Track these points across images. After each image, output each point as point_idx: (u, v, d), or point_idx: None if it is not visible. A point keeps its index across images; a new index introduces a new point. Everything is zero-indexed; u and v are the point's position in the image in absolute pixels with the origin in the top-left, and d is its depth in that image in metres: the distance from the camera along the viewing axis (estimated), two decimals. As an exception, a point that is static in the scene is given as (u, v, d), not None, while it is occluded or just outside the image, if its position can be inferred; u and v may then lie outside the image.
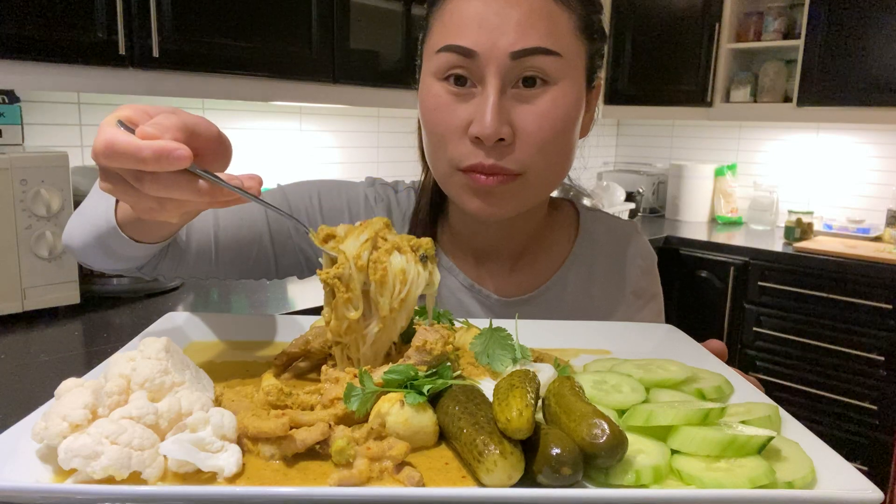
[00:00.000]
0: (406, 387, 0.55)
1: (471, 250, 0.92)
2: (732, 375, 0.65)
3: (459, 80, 0.74)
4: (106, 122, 0.55)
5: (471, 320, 0.74)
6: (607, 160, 4.04)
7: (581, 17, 0.77)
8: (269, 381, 0.58)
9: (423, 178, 0.93)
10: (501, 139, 0.73)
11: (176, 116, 0.55)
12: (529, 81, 0.74)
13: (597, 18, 0.80)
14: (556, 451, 0.46)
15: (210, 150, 0.58)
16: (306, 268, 0.93)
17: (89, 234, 0.75)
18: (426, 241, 0.64)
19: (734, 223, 3.48)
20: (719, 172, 3.52)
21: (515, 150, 0.74)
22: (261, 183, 0.58)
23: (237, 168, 0.56)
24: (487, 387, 0.57)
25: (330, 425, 0.51)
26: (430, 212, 0.91)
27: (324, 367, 0.62)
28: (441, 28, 0.76)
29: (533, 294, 0.90)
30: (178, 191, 0.54)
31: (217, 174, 0.56)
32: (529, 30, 0.72)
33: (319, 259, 0.64)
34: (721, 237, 3.09)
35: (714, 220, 3.55)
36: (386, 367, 0.58)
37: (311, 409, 0.56)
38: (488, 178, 0.75)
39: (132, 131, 0.53)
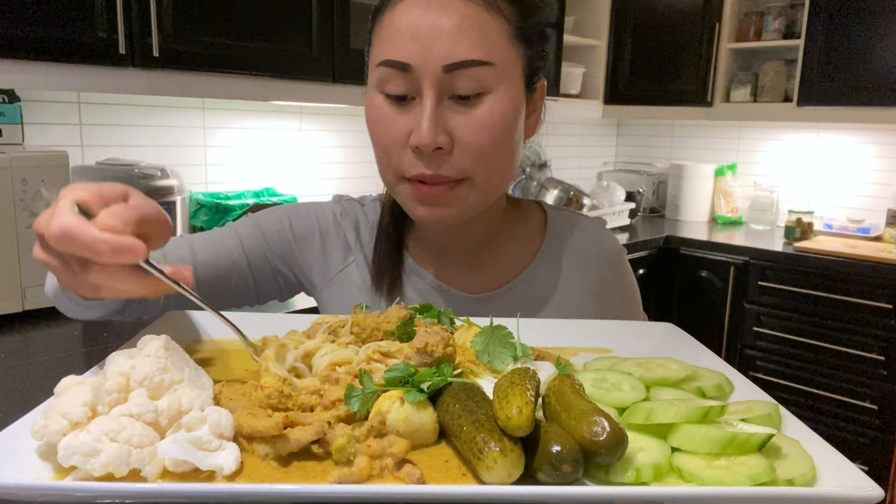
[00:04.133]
0: (406, 384, 0.55)
1: (435, 252, 0.94)
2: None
3: (399, 95, 0.76)
4: (62, 206, 0.54)
5: (472, 319, 0.74)
6: (607, 160, 4.04)
7: (514, 24, 0.78)
8: (267, 378, 0.58)
9: (385, 188, 0.95)
10: (439, 147, 0.75)
11: (133, 209, 0.56)
12: (464, 94, 0.75)
13: (532, 22, 0.81)
14: (556, 448, 0.46)
15: (155, 232, 0.59)
16: (286, 289, 0.97)
17: (51, 286, 0.77)
18: None
19: (734, 223, 3.48)
20: (719, 172, 3.52)
21: (454, 157, 0.76)
22: (192, 273, 0.61)
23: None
24: (487, 385, 0.57)
25: (329, 423, 0.51)
26: (393, 219, 0.94)
27: (322, 374, 0.61)
28: (379, 41, 0.78)
29: (500, 290, 0.92)
30: (123, 282, 0.56)
31: (161, 267, 0.58)
32: (460, 41, 0.73)
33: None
34: (721, 237, 3.09)
35: (714, 220, 3.55)
36: (385, 367, 0.58)
37: (311, 410, 0.56)
38: (431, 187, 0.77)
39: (87, 216, 0.53)
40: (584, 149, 3.85)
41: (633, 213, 3.38)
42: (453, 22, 0.73)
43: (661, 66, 3.29)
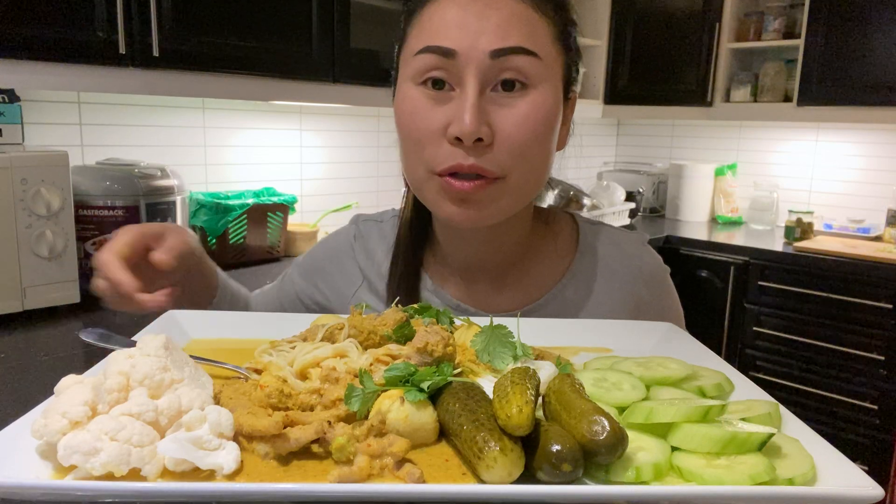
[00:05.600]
0: (406, 383, 0.55)
1: (457, 270, 0.90)
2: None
3: (437, 84, 0.74)
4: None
5: (472, 318, 0.74)
6: (607, 160, 4.04)
7: (558, 28, 0.77)
8: (267, 378, 0.58)
9: (402, 204, 0.93)
10: (480, 139, 0.72)
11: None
12: (508, 85, 0.73)
13: (573, 31, 0.81)
14: (556, 447, 0.46)
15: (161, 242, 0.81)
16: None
17: None
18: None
19: (734, 223, 3.48)
20: (719, 172, 3.52)
21: (495, 152, 0.73)
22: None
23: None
24: (488, 384, 0.56)
25: (329, 422, 0.51)
26: (411, 236, 0.91)
27: (322, 373, 0.61)
28: (419, 33, 0.76)
29: (526, 309, 0.87)
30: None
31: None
32: (509, 31, 0.72)
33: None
34: (721, 237, 3.09)
35: (714, 220, 3.55)
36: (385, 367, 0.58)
37: (311, 409, 0.56)
38: (464, 183, 0.73)
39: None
40: (584, 149, 3.84)
41: (633, 213, 3.38)
42: (502, 15, 0.72)
43: (661, 66, 3.29)
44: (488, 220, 0.77)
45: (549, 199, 2.97)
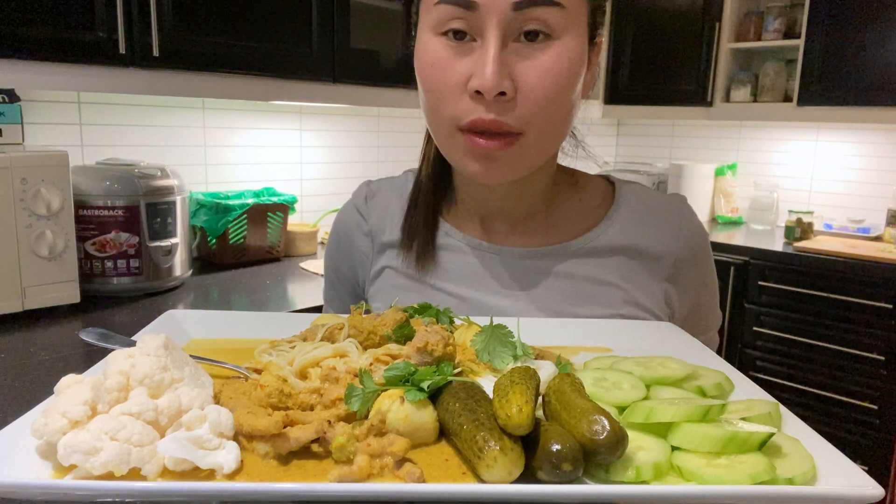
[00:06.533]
0: (406, 383, 0.55)
1: (478, 217, 0.90)
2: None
3: (459, 34, 0.72)
4: None
5: (472, 318, 0.74)
6: (607, 160, 4.04)
7: None
8: (267, 377, 0.58)
9: (422, 149, 0.92)
10: (502, 93, 0.70)
11: None
12: (531, 35, 0.71)
13: None
14: (556, 447, 0.46)
15: None
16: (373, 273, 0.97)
17: None
18: None
19: (734, 223, 3.48)
20: (719, 172, 3.52)
21: (517, 105, 0.72)
22: None
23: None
24: (488, 383, 0.57)
25: (329, 422, 0.51)
26: (431, 181, 0.90)
27: (322, 373, 0.62)
28: None
29: (556, 246, 0.86)
30: None
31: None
32: None
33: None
34: (721, 237, 3.09)
35: (714, 220, 3.55)
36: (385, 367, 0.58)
37: (311, 409, 0.56)
38: (488, 141, 0.73)
39: None
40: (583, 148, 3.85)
41: (633, 213, 3.37)
42: None
43: (661, 66, 3.29)
44: (512, 176, 0.77)
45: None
